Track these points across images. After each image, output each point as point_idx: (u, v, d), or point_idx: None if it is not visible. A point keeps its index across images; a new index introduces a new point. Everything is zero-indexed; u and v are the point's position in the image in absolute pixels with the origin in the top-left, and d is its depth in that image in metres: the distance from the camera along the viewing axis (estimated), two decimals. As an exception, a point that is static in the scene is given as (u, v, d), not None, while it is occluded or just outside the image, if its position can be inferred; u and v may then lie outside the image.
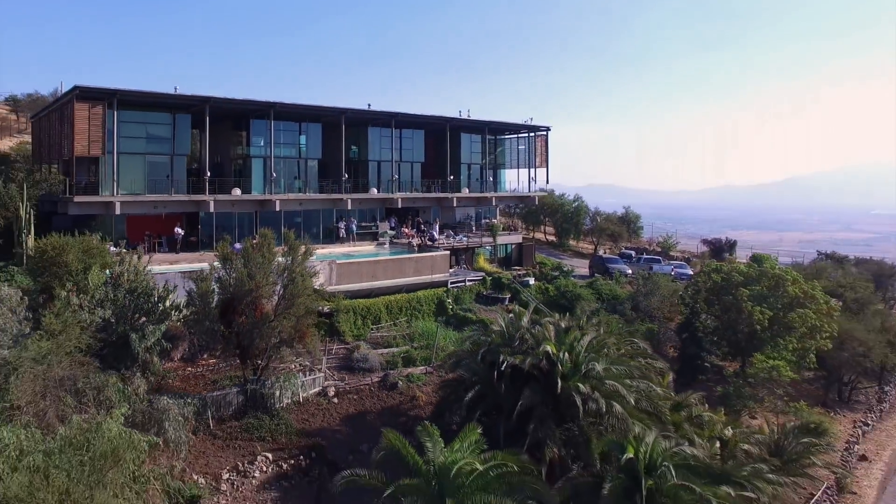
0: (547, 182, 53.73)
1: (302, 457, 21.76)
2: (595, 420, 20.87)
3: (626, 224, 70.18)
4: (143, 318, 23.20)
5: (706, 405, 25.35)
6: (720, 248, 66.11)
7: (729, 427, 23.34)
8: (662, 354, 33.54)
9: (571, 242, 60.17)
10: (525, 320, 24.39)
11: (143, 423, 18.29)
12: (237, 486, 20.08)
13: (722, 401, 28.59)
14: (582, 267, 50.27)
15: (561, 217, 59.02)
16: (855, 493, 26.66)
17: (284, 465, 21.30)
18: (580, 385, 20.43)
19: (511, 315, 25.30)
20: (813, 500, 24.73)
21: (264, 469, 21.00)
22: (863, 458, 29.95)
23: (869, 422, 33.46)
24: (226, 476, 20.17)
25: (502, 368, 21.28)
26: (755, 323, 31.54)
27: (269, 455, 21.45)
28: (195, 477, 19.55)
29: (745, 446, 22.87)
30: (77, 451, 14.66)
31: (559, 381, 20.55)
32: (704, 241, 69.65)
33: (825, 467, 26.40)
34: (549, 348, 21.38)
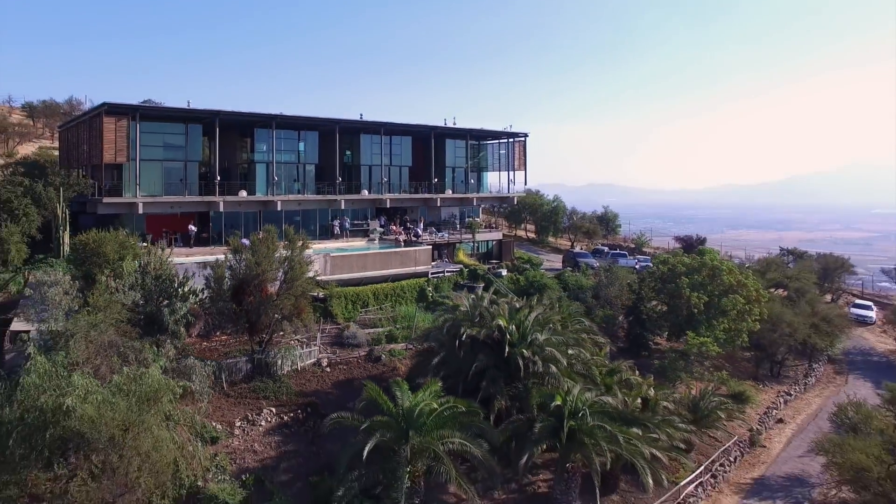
0: (525, 183, 58.70)
1: (299, 411, 26.61)
2: (536, 379, 25.75)
3: (605, 222, 75.21)
4: (166, 301, 28.13)
5: (636, 372, 30.23)
6: (691, 245, 70.81)
7: (652, 388, 28.18)
8: (615, 335, 38.53)
9: (550, 239, 65.02)
10: (485, 302, 29.31)
11: (174, 377, 23.12)
12: (247, 431, 24.94)
13: (659, 372, 33.41)
14: (557, 261, 55.21)
15: (540, 216, 63.85)
16: (765, 447, 31.52)
17: (285, 417, 26.16)
18: (524, 351, 25.33)
19: (473, 297, 30.14)
20: (723, 448, 29.55)
21: (269, 420, 25.86)
22: (780, 420, 34.79)
23: (792, 392, 38.27)
24: (238, 424, 25.03)
25: (462, 339, 26.15)
26: (693, 307, 36.46)
27: (273, 409, 26.32)
28: (214, 424, 24.37)
29: (665, 403, 27.78)
30: (126, 394, 19.60)
31: (507, 347, 25.44)
32: (677, 238, 74.51)
33: (738, 424, 31.45)
34: (500, 322, 26.30)
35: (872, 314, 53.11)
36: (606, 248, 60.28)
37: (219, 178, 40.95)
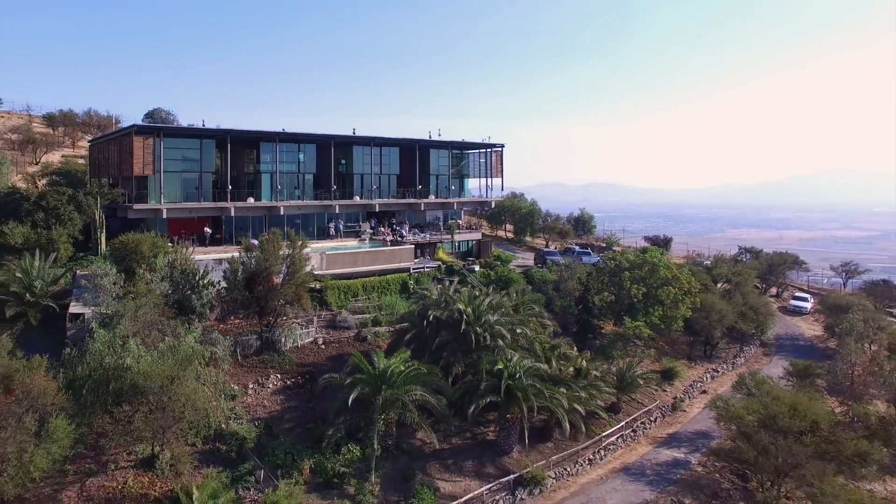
0: (503, 189, 65.30)
1: (299, 378, 33.20)
2: (487, 351, 32.27)
3: (582, 223, 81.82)
4: (190, 290, 34.73)
5: (574, 348, 36.90)
6: (658, 244, 77.56)
7: (584, 361, 34.78)
8: (568, 321, 45.01)
9: (527, 239, 71.51)
10: (451, 290, 35.88)
11: (202, 346, 29.75)
12: (258, 392, 31.55)
13: (600, 351, 39.96)
14: (531, 259, 61.70)
15: (518, 218, 70.38)
16: (685, 411, 38.12)
17: (288, 382, 32.77)
18: (477, 329, 31.94)
19: (441, 287, 36.71)
20: (645, 410, 36.15)
21: (275, 384, 32.46)
22: (704, 392, 41.34)
23: (720, 370, 44.82)
24: (251, 386, 31.64)
25: (430, 319, 32.76)
26: (633, 297, 43.04)
27: (278, 376, 32.92)
28: (232, 385, 30.95)
29: (595, 373, 34.47)
30: (170, 356, 26.21)
31: (464, 326, 32.01)
32: (646, 238, 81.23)
33: (665, 393, 38.06)
34: (460, 306, 32.90)
35: (807, 305, 59.67)
36: (576, 247, 66.74)
37: (230, 186, 47.50)
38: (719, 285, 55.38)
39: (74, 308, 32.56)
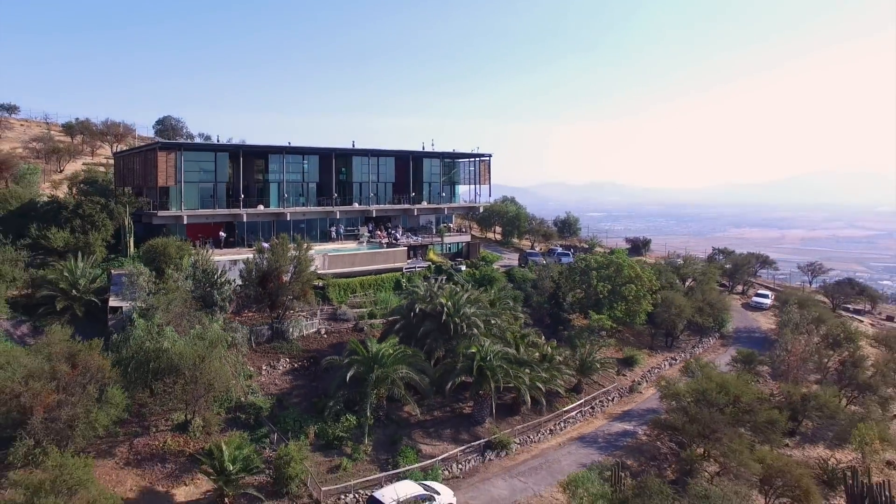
0: (490, 195, 70.93)
1: (305, 361, 38.86)
2: (465, 338, 37.87)
3: (568, 226, 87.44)
4: (210, 286, 40.39)
5: (542, 337, 42.44)
6: (637, 245, 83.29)
7: (549, 347, 40.40)
8: (543, 314, 50.55)
9: (514, 241, 77.06)
10: (436, 287, 41.51)
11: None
12: (270, 372, 37.23)
13: (568, 340, 45.53)
14: (516, 259, 67.26)
15: (505, 221, 75.97)
16: (641, 393, 43.71)
17: (295, 365, 38.44)
18: (456, 319, 37.57)
19: (426, 284, 42.34)
20: (603, 390, 41.77)
21: (284, 366, 38.14)
22: (661, 377, 46.84)
23: (678, 358, 50.29)
24: (264, 367, 37.31)
25: (416, 311, 38.40)
26: (599, 293, 48.63)
27: (287, 360, 38.58)
28: (248, 366, 36.62)
29: (559, 358, 40.07)
30: (199, 340, 31.86)
31: (445, 317, 37.63)
32: (627, 240, 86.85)
33: (625, 377, 43.63)
34: (442, 300, 38.53)
35: (767, 301, 65.18)
36: (559, 249, 72.35)
37: (242, 195, 53.18)
38: (687, 283, 61.04)
39: (114, 302, 38.29)
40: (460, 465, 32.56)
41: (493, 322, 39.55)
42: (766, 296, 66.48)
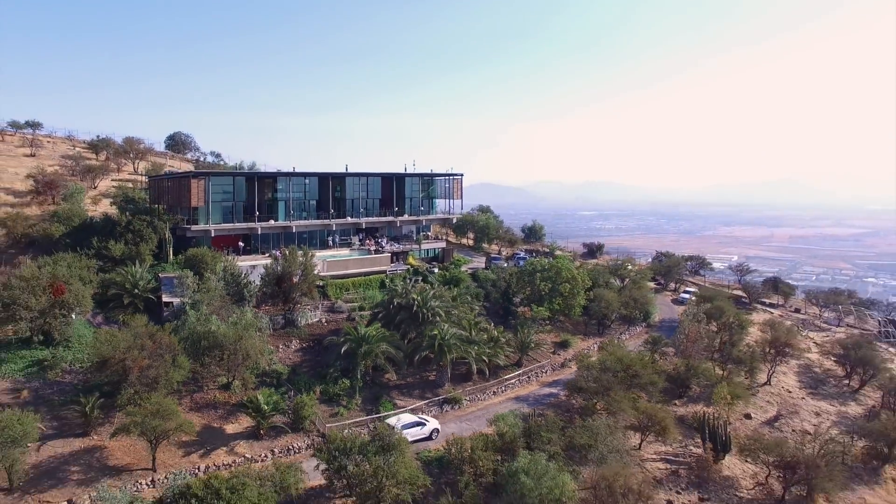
0: (461, 208, 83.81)
1: (311, 342, 51.52)
2: (431, 324, 50.57)
3: (534, 232, 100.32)
4: (236, 286, 52.97)
5: (491, 324, 55.26)
6: (592, 250, 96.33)
7: (496, 332, 53.21)
8: (498, 308, 63.27)
9: (484, 246, 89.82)
10: (411, 286, 54.21)
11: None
12: (285, 350, 49.86)
13: (515, 328, 58.26)
14: (483, 262, 79.98)
15: (477, 229, 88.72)
16: (570, 367, 56.49)
17: (304, 345, 51.09)
18: (424, 310, 50.34)
19: (402, 283, 55.05)
20: (538, 365, 54.62)
21: (296, 345, 50.80)
22: (590, 357, 59.69)
23: (606, 342, 63.19)
24: (280, 347, 49.95)
25: (394, 304, 51.14)
26: (541, 291, 61.48)
27: (297, 341, 51.23)
28: (269, 346, 49.20)
29: (503, 340, 52.87)
30: (236, 325, 44.53)
31: (416, 308, 50.36)
32: (584, 245, 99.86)
33: (560, 356, 56.49)
34: (414, 296, 51.28)
35: (690, 297, 78.21)
36: (521, 253, 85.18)
37: (256, 211, 65.71)
38: (626, 281, 73.95)
39: (166, 298, 50.78)
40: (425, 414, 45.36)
41: (453, 312, 52.37)
42: (690, 292, 79.52)
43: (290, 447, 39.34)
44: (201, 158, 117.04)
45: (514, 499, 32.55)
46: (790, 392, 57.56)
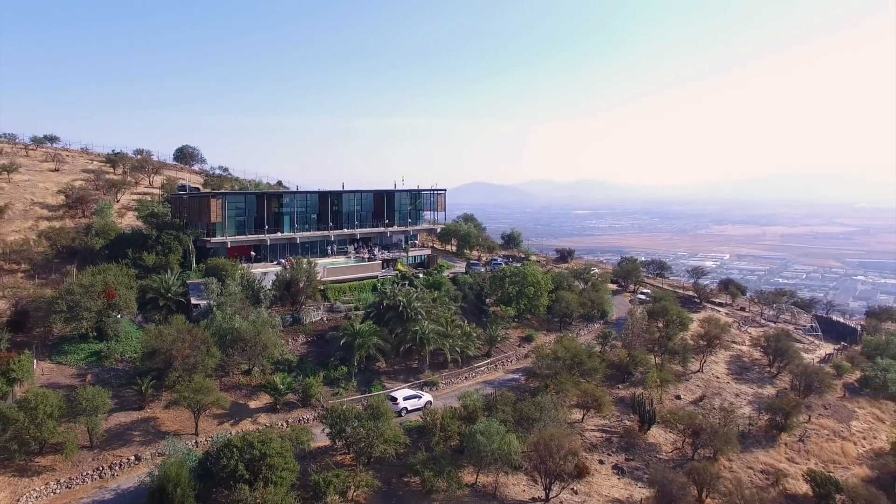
0: (445, 219, 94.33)
1: (314, 337, 62.02)
2: (413, 321, 61.14)
3: (512, 239, 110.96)
4: (251, 290, 63.44)
5: (465, 321, 65.87)
6: (564, 255, 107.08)
7: (469, 329, 63.84)
8: (472, 308, 73.87)
9: (466, 252, 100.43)
10: (398, 289, 64.76)
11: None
12: (293, 343, 60.36)
13: (486, 325, 68.84)
14: (464, 268, 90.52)
15: (459, 237, 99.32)
16: (532, 358, 67.05)
17: (309, 339, 61.58)
18: (408, 310, 60.99)
19: (389, 287, 65.61)
20: (505, 355, 65.22)
21: (302, 340, 61.30)
22: (540, 346, 70.31)
23: (567, 337, 73.84)
24: (290, 341, 60.43)
25: (384, 305, 61.76)
26: (509, 293, 72.14)
27: (303, 336, 61.72)
28: (281, 340, 59.62)
29: (475, 334, 63.53)
30: (255, 322, 55.13)
31: (401, 308, 60.96)
32: (557, 250, 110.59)
33: (524, 348, 67.23)
34: (400, 298, 61.92)
35: (646, 297, 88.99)
36: (499, 259, 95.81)
37: (266, 225, 76.14)
38: (588, 284, 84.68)
39: (194, 301, 61.20)
40: (408, 395, 55.97)
41: (433, 311, 62.99)
42: (646, 293, 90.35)
43: (301, 418, 49.91)
44: (209, 171, 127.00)
45: (473, 454, 43.15)
46: (718, 378, 68.39)
